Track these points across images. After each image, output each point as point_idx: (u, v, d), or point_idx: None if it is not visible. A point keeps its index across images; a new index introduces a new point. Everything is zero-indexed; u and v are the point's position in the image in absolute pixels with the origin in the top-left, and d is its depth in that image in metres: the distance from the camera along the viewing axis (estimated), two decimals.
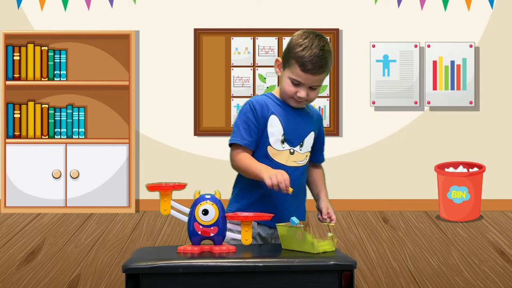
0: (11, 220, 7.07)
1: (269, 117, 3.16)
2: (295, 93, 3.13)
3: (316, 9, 7.48)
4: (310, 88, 3.13)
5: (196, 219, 2.89)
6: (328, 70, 3.14)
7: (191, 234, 2.90)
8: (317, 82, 3.12)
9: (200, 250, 2.90)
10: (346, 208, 7.51)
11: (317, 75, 3.10)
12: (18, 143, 7.42)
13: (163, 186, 2.91)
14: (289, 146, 3.17)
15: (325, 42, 3.13)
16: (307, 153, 3.22)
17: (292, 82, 3.13)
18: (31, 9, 7.50)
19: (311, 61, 3.08)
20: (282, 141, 3.17)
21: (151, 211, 7.40)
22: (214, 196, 2.93)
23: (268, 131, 3.15)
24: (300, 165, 3.20)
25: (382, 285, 5.05)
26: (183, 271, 2.75)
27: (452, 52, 7.43)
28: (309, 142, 3.22)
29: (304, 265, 2.77)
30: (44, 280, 5.18)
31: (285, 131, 3.16)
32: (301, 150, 3.20)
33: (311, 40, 3.10)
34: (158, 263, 2.76)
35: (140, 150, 7.54)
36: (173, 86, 7.53)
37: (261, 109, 3.15)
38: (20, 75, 7.44)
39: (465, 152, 7.46)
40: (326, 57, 3.10)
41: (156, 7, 7.50)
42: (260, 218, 2.91)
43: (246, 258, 2.81)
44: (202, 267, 2.76)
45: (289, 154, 3.17)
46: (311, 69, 3.08)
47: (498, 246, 6.07)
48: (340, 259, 2.80)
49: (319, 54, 3.08)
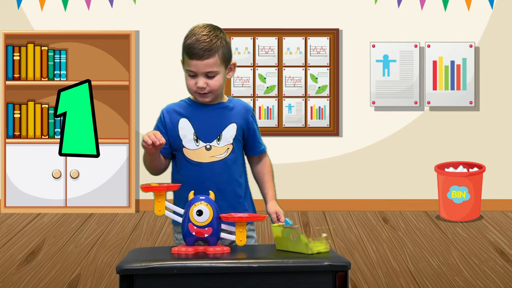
0: (11, 220, 7.08)
1: (179, 121, 3.24)
2: (195, 84, 3.19)
3: (316, 9, 7.47)
4: (207, 77, 3.18)
5: (190, 220, 2.90)
6: (221, 54, 3.17)
7: (185, 235, 2.90)
8: (210, 68, 3.16)
9: (195, 251, 2.90)
10: (346, 208, 7.50)
11: (205, 59, 3.14)
12: (18, 143, 7.42)
13: (157, 187, 2.91)
14: (204, 142, 3.22)
15: (213, 29, 3.19)
16: (228, 146, 3.23)
17: (189, 75, 3.21)
18: (31, 9, 7.50)
19: (195, 46, 3.14)
20: (196, 139, 3.22)
21: (151, 211, 7.40)
22: (209, 197, 2.93)
23: (180, 133, 3.23)
24: (220, 159, 3.22)
25: (382, 285, 5.05)
26: (177, 272, 2.75)
27: (452, 52, 7.43)
28: (229, 135, 3.23)
29: (298, 265, 2.77)
30: (44, 280, 5.19)
31: (196, 130, 3.22)
32: (219, 143, 3.22)
33: (197, 29, 3.18)
34: (153, 264, 2.76)
35: (140, 150, 7.54)
36: (173, 86, 7.53)
37: (169, 116, 3.27)
38: (20, 75, 7.45)
39: (465, 152, 7.46)
40: (211, 40, 3.14)
41: (156, 7, 7.51)
42: (254, 219, 2.91)
43: (241, 259, 2.80)
44: (197, 268, 2.76)
45: (205, 150, 3.22)
46: (196, 53, 3.14)
47: (498, 246, 6.07)
48: (334, 259, 2.80)
49: (202, 38, 3.14)
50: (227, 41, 3.22)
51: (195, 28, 3.20)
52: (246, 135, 3.30)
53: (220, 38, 3.18)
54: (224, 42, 3.20)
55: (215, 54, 3.15)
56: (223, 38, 3.20)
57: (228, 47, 3.22)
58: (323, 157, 7.51)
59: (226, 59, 3.20)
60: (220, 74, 3.20)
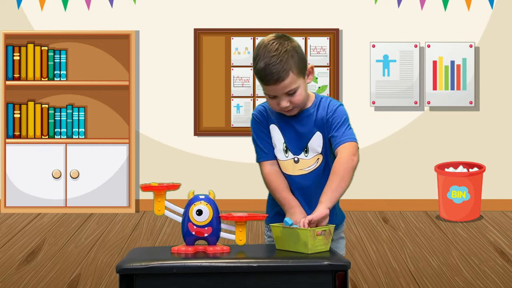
0: (11, 220, 7.07)
1: (270, 127, 3.09)
2: (278, 105, 2.99)
3: (316, 9, 7.47)
4: (288, 95, 2.97)
5: (190, 219, 2.89)
6: (295, 69, 2.94)
7: (185, 234, 2.90)
8: (288, 88, 2.95)
9: (194, 250, 2.90)
10: (346, 208, 7.47)
11: (280, 82, 2.93)
12: (18, 143, 7.42)
13: (157, 186, 2.91)
14: (292, 154, 3.06)
15: (280, 43, 2.95)
16: (317, 156, 3.04)
17: (269, 96, 3.01)
18: (31, 9, 7.50)
19: (267, 72, 2.92)
20: (285, 150, 3.06)
21: (151, 211, 7.40)
22: (208, 196, 2.92)
23: (272, 140, 3.10)
24: (309, 172, 3.05)
25: (382, 285, 5.05)
26: (177, 271, 2.75)
27: (452, 52, 7.43)
28: (316, 145, 3.04)
29: (298, 265, 2.77)
30: (44, 280, 5.19)
31: (285, 139, 3.06)
32: (307, 156, 3.05)
33: (264, 50, 2.94)
34: (152, 263, 2.76)
35: (140, 150, 7.54)
36: (173, 86, 7.53)
37: (263, 118, 3.10)
38: (20, 75, 7.45)
39: (465, 152, 7.46)
40: (281, 60, 2.91)
41: (156, 7, 7.51)
42: (254, 218, 2.91)
43: (240, 259, 2.80)
44: (196, 268, 2.76)
45: (293, 163, 3.06)
46: (270, 79, 2.93)
47: (498, 246, 6.07)
48: (334, 259, 2.79)
49: (272, 62, 2.91)
50: (296, 50, 2.97)
51: (261, 48, 2.95)
52: (329, 129, 3.05)
53: (288, 51, 2.94)
54: (294, 53, 2.95)
55: (289, 72, 2.93)
56: (291, 48, 2.96)
57: (299, 55, 2.97)
58: None
59: (301, 70, 2.98)
60: (300, 87, 2.98)
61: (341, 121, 3.03)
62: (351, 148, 3.00)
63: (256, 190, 7.33)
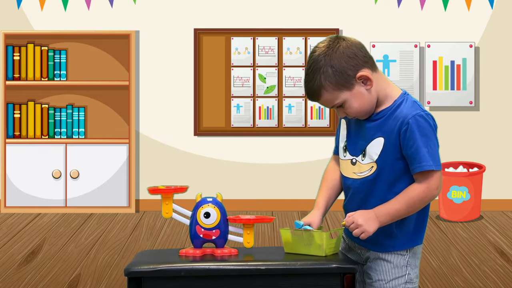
0: (11, 220, 7.07)
1: (341, 120, 2.96)
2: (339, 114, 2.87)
3: (316, 9, 7.48)
4: (338, 107, 2.82)
5: (198, 222, 2.89)
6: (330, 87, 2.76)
7: (193, 237, 2.90)
8: (330, 103, 2.81)
9: (202, 253, 2.90)
10: None
11: (317, 99, 2.81)
12: (18, 143, 7.42)
13: (165, 189, 2.91)
14: (350, 155, 2.88)
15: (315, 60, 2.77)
16: (371, 164, 2.81)
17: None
18: (31, 9, 7.50)
19: (305, 89, 2.83)
20: (344, 149, 2.91)
21: (151, 211, 7.40)
22: (216, 199, 2.92)
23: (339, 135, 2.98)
24: (362, 177, 2.84)
25: None
26: (185, 274, 2.75)
27: (452, 52, 7.43)
28: (373, 151, 2.81)
29: (306, 268, 2.77)
30: (44, 280, 5.19)
31: (347, 138, 2.91)
32: (363, 160, 2.83)
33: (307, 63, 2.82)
34: (160, 266, 2.76)
35: (140, 150, 7.54)
36: (173, 86, 7.53)
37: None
38: (20, 75, 7.44)
39: (465, 152, 7.46)
40: (310, 81, 2.77)
41: (156, 7, 7.50)
42: (262, 221, 2.91)
43: (248, 261, 2.80)
44: (204, 270, 2.76)
45: (351, 164, 2.88)
46: (312, 99, 2.84)
47: (498, 246, 6.08)
48: (342, 261, 2.80)
49: (306, 79, 2.80)
50: (332, 64, 2.74)
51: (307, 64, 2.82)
52: (404, 152, 2.78)
53: (321, 66, 2.75)
54: (328, 68, 2.74)
55: (321, 90, 2.77)
56: (326, 62, 2.75)
57: (335, 69, 2.74)
58: (323, 157, 7.51)
59: (341, 84, 2.76)
60: (348, 99, 2.79)
61: (419, 138, 2.75)
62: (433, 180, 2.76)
63: (256, 190, 7.34)
